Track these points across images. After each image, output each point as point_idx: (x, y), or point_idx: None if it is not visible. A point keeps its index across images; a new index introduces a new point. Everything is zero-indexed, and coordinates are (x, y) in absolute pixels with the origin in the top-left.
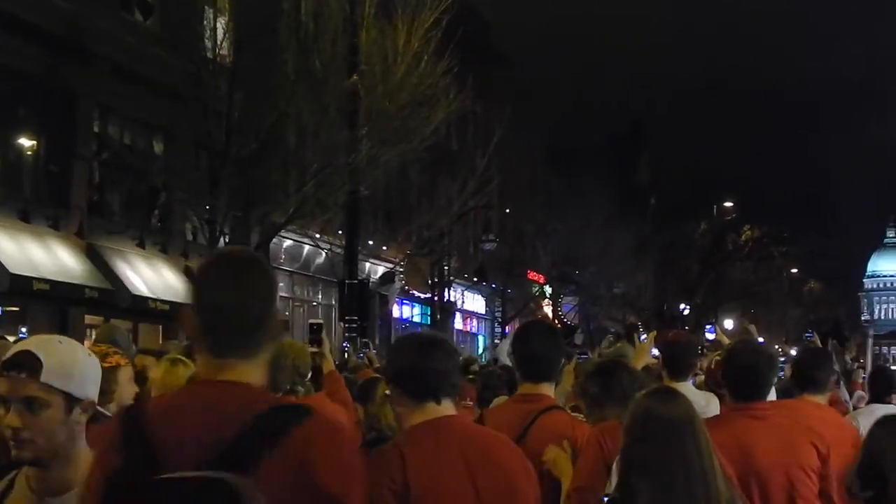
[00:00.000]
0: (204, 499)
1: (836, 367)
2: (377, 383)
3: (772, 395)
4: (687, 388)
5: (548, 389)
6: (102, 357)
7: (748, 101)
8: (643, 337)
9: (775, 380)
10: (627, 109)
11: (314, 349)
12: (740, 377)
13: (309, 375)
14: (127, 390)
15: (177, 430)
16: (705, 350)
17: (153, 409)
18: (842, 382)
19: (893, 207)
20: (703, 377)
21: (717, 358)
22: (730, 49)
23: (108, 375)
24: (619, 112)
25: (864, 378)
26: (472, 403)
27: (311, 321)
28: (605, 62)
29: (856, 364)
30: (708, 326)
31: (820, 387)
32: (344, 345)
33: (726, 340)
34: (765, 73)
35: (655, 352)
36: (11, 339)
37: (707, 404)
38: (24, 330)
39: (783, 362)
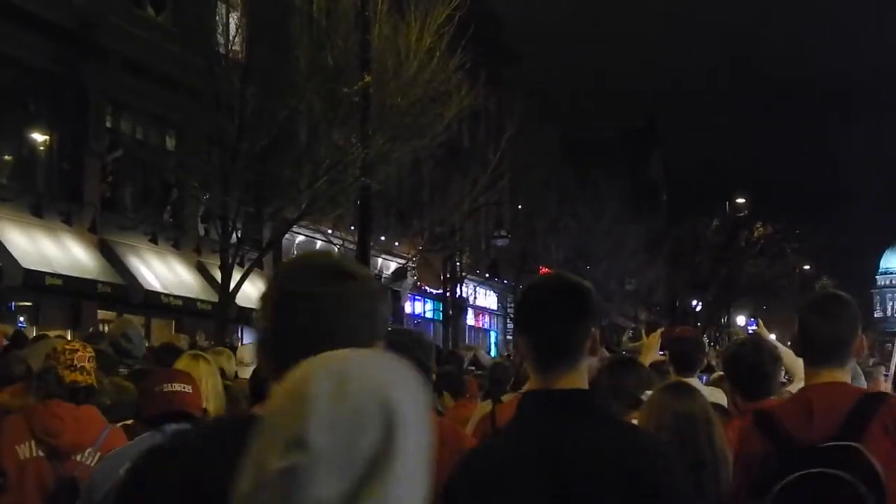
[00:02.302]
0: (842, 457)
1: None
2: None
3: None
4: (694, 383)
5: None
6: None
7: (761, 97)
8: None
9: (781, 375)
10: (639, 105)
11: None
12: (745, 376)
13: None
14: None
15: (803, 418)
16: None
17: (780, 407)
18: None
19: None
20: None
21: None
22: (742, 44)
23: None
24: (631, 107)
25: (885, 375)
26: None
27: None
28: (616, 57)
29: (872, 362)
30: (750, 320)
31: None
32: None
33: (766, 333)
34: (777, 69)
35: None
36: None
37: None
38: (21, 319)
39: None
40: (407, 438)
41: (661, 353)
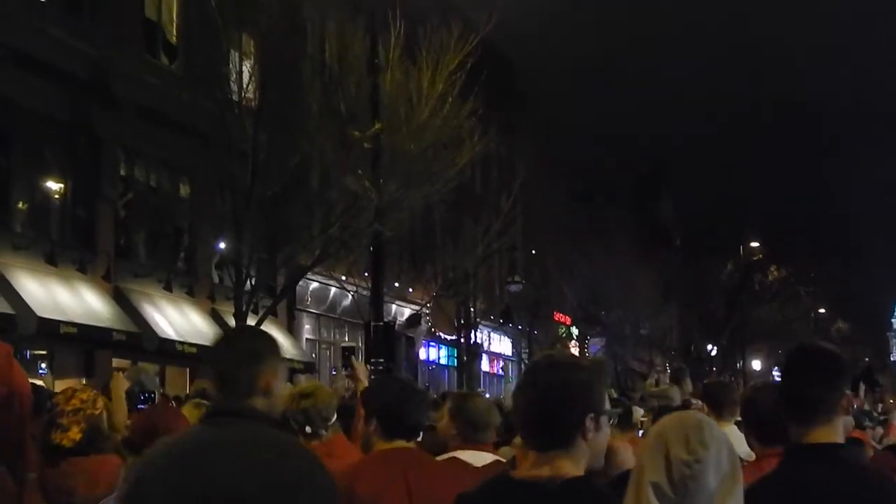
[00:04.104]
0: None
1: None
2: None
3: None
4: (731, 431)
5: None
6: None
7: (773, 140)
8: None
9: None
10: (649, 147)
11: (347, 373)
12: (762, 421)
13: (333, 418)
14: None
15: None
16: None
17: None
18: (876, 426)
19: None
20: None
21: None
22: (753, 84)
23: None
24: (642, 149)
25: None
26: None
27: (342, 345)
28: (627, 99)
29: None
30: (775, 367)
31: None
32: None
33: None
34: (788, 112)
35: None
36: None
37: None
38: (43, 366)
39: None
40: (739, 477)
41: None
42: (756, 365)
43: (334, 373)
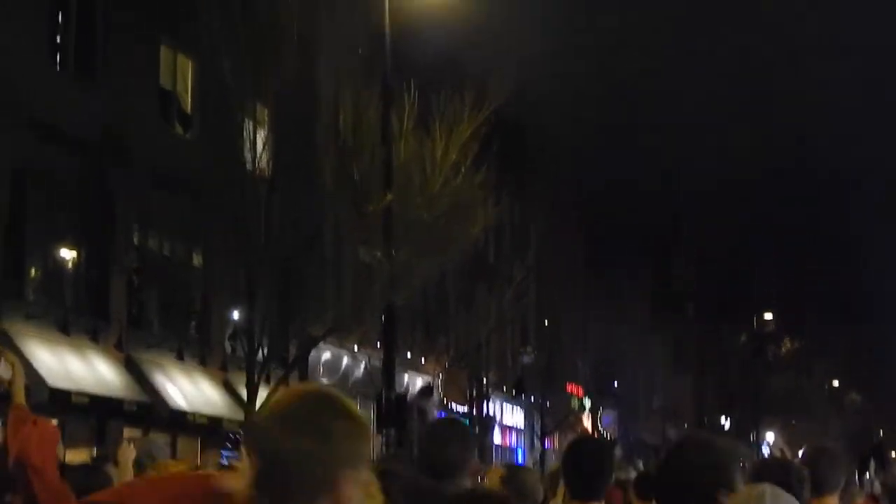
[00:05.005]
0: None
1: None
2: None
3: None
4: None
5: None
6: None
7: (784, 202)
8: None
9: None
10: (661, 211)
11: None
12: None
13: None
14: None
15: None
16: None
17: None
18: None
19: None
20: None
21: None
22: (764, 151)
23: None
24: (656, 208)
25: None
26: None
27: None
28: (639, 166)
29: None
30: (763, 441)
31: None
32: None
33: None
34: (799, 171)
35: None
36: None
37: None
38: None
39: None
40: None
41: None
42: (770, 437)
43: None
